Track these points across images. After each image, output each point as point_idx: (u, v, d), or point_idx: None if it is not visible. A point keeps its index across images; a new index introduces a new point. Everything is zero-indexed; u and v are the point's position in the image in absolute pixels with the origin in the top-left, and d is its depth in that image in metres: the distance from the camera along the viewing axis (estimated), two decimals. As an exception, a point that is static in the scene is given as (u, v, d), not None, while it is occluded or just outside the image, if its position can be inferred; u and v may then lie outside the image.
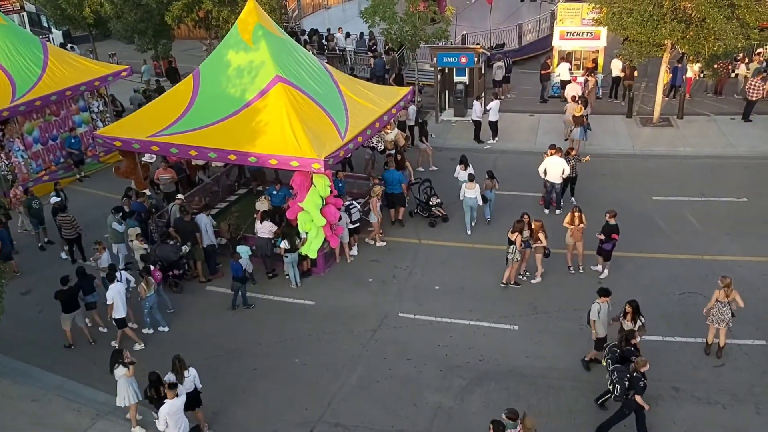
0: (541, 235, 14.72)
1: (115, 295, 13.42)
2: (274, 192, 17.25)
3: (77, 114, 22.16)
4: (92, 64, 22.65)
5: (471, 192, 17.08)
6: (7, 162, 19.96)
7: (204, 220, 15.86)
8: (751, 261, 15.34)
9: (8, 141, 20.03)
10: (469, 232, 17.33)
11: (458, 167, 17.88)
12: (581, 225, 14.97)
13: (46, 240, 17.89)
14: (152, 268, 14.46)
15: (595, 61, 24.80)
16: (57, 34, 35.25)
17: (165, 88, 26.25)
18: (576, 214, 14.95)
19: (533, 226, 14.75)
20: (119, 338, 13.82)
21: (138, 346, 13.70)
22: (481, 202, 17.17)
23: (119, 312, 13.51)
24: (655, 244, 16.22)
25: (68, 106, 21.77)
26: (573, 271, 15.46)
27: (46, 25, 35.80)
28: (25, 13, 36.13)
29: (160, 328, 14.36)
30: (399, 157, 18.67)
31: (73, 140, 21.39)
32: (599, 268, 15.31)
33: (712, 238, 16.36)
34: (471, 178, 17.18)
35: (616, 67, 24.49)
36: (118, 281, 13.61)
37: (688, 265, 15.39)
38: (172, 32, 27.82)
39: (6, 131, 19.94)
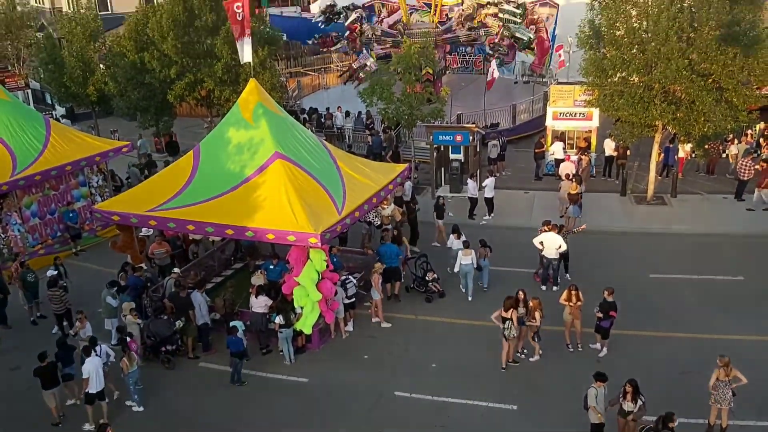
0: (537, 314, 14.62)
1: (91, 369, 13.14)
2: (271, 266, 17.22)
3: (76, 188, 22.35)
4: (93, 140, 23.02)
5: (467, 258, 17.43)
6: (3, 236, 19.97)
7: (198, 298, 15.71)
8: (751, 340, 15.19)
9: (6, 215, 20.10)
10: (470, 298, 17.56)
11: (451, 236, 18.28)
12: (579, 303, 14.90)
13: (38, 314, 17.67)
14: (128, 339, 14.22)
15: (587, 140, 25.31)
16: (60, 111, 35.96)
17: (156, 161, 26.63)
18: (573, 291, 14.91)
19: (531, 304, 14.67)
20: (91, 416, 13.39)
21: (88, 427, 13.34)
22: (474, 267, 17.52)
23: (92, 387, 13.17)
24: (653, 323, 16.10)
25: (68, 181, 21.98)
26: (572, 350, 15.27)
27: (49, 102, 36.59)
28: (29, 91, 36.95)
29: (134, 408, 14.01)
30: (395, 232, 18.76)
31: (71, 214, 21.48)
32: (598, 346, 15.13)
33: (710, 317, 16.26)
34: (466, 245, 17.65)
35: (609, 147, 24.98)
36: (96, 355, 13.36)
37: (687, 344, 15.23)
38: (173, 110, 28.41)
39: (4, 205, 20.04)
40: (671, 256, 19.54)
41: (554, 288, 17.74)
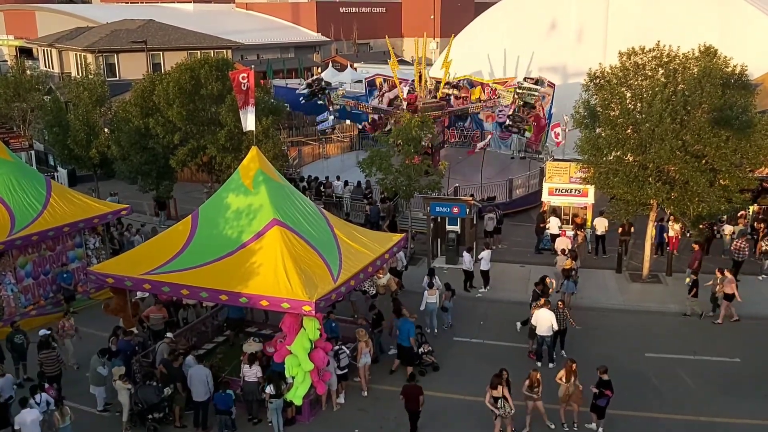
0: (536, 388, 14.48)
1: (24, 421, 12.77)
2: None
3: (72, 250, 22.33)
4: (93, 202, 23.13)
5: (432, 298, 19.44)
6: (-4, 294, 19.83)
7: (202, 372, 15.30)
8: (747, 423, 14.94)
9: (0, 274, 20.01)
10: (435, 331, 19.21)
11: (425, 278, 19.97)
12: (577, 382, 14.74)
13: (25, 377, 17.32)
14: (46, 385, 13.88)
15: (582, 217, 25.52)
16: (62, 173, 36.30)
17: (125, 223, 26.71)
18: (571, 370, 14.76)
19: (533, 377, 14.58)
20: None
21: None
22: (438, 306, 19.32)
23: None
24: (649, 403, 15.86)
25: (64, 242, 21.98)
26: (567, 429, 14.98)
27: (52, 163, 36.98)
28: (33, 152, 37.39)
29: None
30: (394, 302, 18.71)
31: (65, 275, 21.40)
32: (593, 426, 14.86)
33: (706, 399, 16.04)
34: (430, 285, 19.68)
35: (601, 225, 25.10)
36: (35, 403, 13.04)
37: (684, 426, 14.99)
38: (175, 175, 28.70)
39: (-1, 264, 20.00)
40: (667, 335, 19.41)
41: (550, 365, 17.53)
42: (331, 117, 36.25)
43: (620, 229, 24.42)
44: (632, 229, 24.56)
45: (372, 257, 17.49)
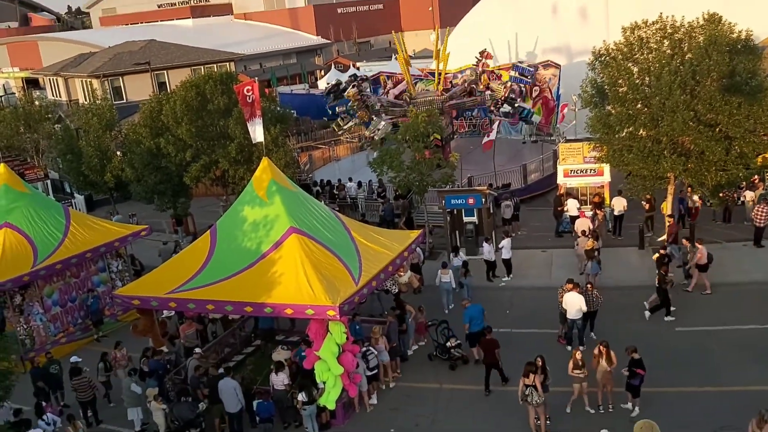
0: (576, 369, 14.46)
1: None
2: (303, 354, 16.61)
3: (96, 274, 22.57)
4: (112, 226, 23.37)
5: (445, 277, 20.44)
6: (26, 326, 20.10)
7: (230, 383, 15.45)
8: (786, 389, 14.78)
9: (28, 305, 20.28)
10: (446, 311, 19.78)
11: (450, 255, 21.58)
12: (609, 368, 14.65)
13: (62, 404, 17.55)
14: (44, 404, 14.02)
15: (600, 195, 25.33)
16: (79, 199, 36.69)
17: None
18: (603, 348, 14.68)
19: (576, 357, 14.59)
20: None
21: None
22: (454, 286, 20.50)
23: None
24: (683, 377, 15.73)
25: (88, 268, 22.22)
26: (602, 411, 14.91)
27: (68, 191, 37.38)
28: (48, 181, 37.82)
29: None
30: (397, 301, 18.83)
31: (91, 300, 21.64)
32: (629, 405, 14.77)
33: (740, 368, 15.87)
34: (444, 265, 20.80)
35: (619, 204, 24.88)
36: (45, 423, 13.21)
37: (719, 398, 14.84)
38: (190, 191, 28.90)
39: (26, 295, 20.24)
40: (695, 308, 19.23)
41: (581, 348, 17.41)
42: (383, 122, 35.61)
43: (647, 206, 24.12)
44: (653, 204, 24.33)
45: (391, 256, 17.50)
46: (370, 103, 35.29)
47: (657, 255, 20.13)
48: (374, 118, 35.34)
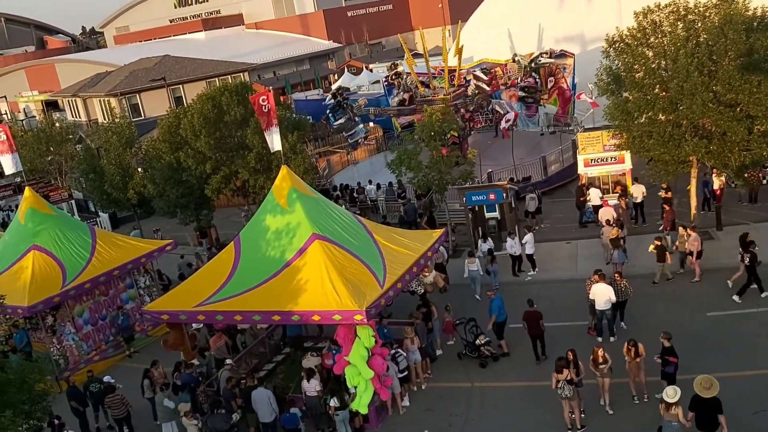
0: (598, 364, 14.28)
1: None
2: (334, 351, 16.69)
3: (125, 291, 22.82)
4: (137, 242, 23.61)
5: (473, 266, 21.18)
6: (59, 346, 20.39)
7: (264, 393, 15.54)
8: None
9: (60, 325, 20.57)
10: (477, 297, 20.38)
11: (480, 241, 22.64)
12: (638, 359, 14.48)
13: (107, 424, 17.71)
14: (56, 422, 14.18)
15: (621, 184, 25.06)
16: (104, 217, 37.15)
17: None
18: (632, 347, 14.51)
19: (597, 354, 14.36)
20: None
21: None
22: (482, 273, 21.23)
23: None
24: (719, 362, 15.46)
25: (116, 285, 22.48)
26: (638, 401, 14.74)
27: (93, 209, 37.86)
28: (73, 201, 38.34)
29: None
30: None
31: (121, 317, 21.89)
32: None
33: (775, 351, 15.61)
34: (470, 254, 21.68)
35: (639, 191, 24.61)
36: None
37: (757, 381, 14.60)
38: (212, 203, 29.10)
39: (57, 316, 20.53)
40: (726, 291, 18.93)
41: (611, 339, 17.28)
42: (361, 125, 36.09)
43: (662, 193, 23.87)
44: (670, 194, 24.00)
45: (415, 257, 17.48)
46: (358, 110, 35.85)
47: (654, 245, 20.03)
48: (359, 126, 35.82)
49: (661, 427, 12.52)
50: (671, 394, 12.32)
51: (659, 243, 20.14)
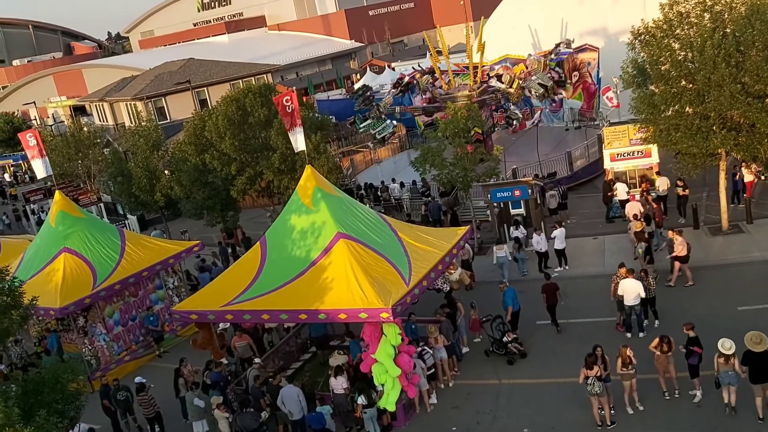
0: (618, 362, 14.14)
1: None
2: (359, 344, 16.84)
3: (154, 292, 23.12)
4: (166, 244, 23.91)
5: (501, 252, 21.80)
6: (90, 347, 20.73)
7: (292, 390, 15.65)
8: None
9: (91, 326, 20.92)
10: (506, 281, 19.54)
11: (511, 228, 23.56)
12: (669, 352, 14.33)
13: (138, 426, 17.88)
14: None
15: (647, 178, 24.75)
16: (132, 220, 37.67)
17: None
18: (665, 342, 14.34)
19: (624, 355, 14.22)
20: None
21: None
22: (510, 259, 21.89)
23: None
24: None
25: (145, 286, 22.78)
26: (668, 397, 14.57)
27: (121, 212, 38.42)
28: (102, 204, 38.96)
29: None
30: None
31: (151, 318, 22.19)
32: (697, 392, 14.38)
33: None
34: (498, 241, 22.72)
35: (663, 184, 24.29)
36: None
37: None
38: (238, 204, 29.35)
39: (89, 317, 20.88)
40: (757, 286, 18.61)
41: (640, 334, 17.09)
42: (388, 121, 36.00)
43: (679, 191, 23.47)
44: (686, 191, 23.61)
45: (440, 255, 17.46)
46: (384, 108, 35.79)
47: (641, 250, 20.02)
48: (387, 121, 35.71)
49: (718, 380, 13.39)
50: (727, 346, 13.19)
51: (646, 244, 20.17)
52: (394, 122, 36.07)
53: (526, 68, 33.45)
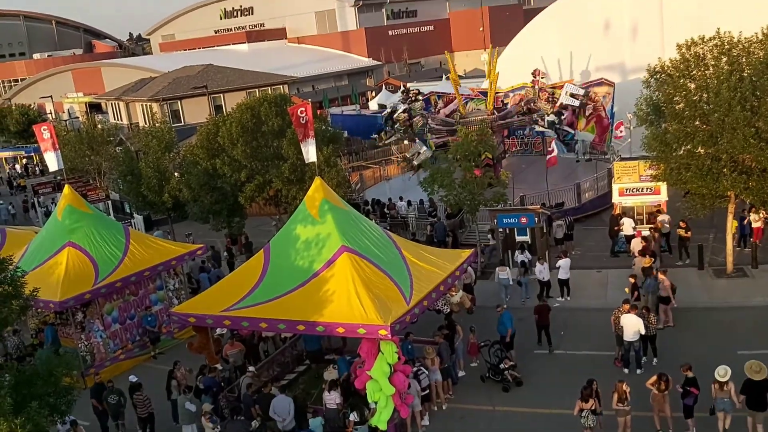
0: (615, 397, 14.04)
1: None
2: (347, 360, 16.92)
3: (154, 292, 23.12)
4: (169, 245, 23.94)
5: (503, 273, 22.20)
6: (86, 343, 20.71)
7: (283, 399, 15.60)
8: None
9: (89, 322, 20.91)
10: (505, 306, 19.54)
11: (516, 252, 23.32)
12: (666, 391, 14.23)
13: None
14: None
15: (656, 217, 24.71)
16: (138, 219, 37.79)
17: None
18: (663, 381, 14.25)
19: (620, 390, 14.11)
20: None
21: None
22: (512, 282, 22.10)
23: None
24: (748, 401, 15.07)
25: (146, 286, 22.80)
26: (662, 436, 14.47)
27: (128, 211, 38.56)
28: (109, 202, 39.13)
29: None
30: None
31: (149, 318, 22.18)
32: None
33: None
34: (502, 262, 23.15)
35: (665, 222, 24.25)
36: None
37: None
38: (244, 210, 29.43)
39: (87, 313, 20.88)
40: (758, 331, 18.50)
41: (638, 371, 16.98)
42: (424, 148, 36.29)
43: (681, 232, 23.39)
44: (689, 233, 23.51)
45: (443, 275, 17.44)
46: (415, 126, 35.69)
47: (627, 288, 19.99)
48: (416, 142, 35.67)
49: (713, 408, 13.75)
50: (722, 373, 13.57)
51: (633, 281, 20.08)
52: (420, 144, 36.21)
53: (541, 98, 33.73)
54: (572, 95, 33.19)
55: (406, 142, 37.64)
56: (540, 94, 34.34)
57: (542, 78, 34.87)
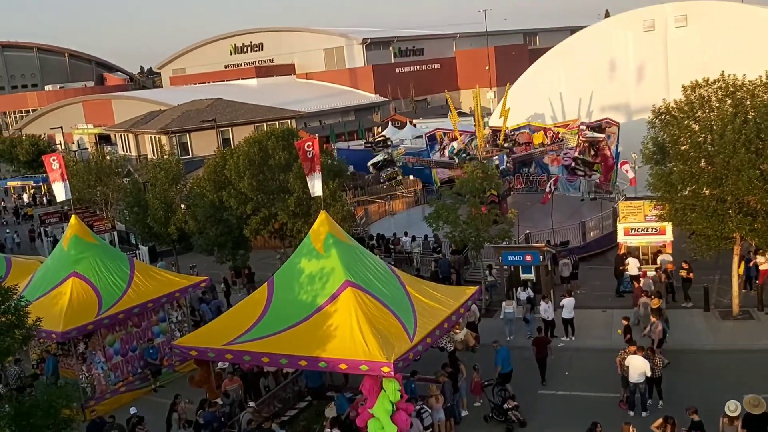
0: None
1: None
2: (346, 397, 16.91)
3: (156, 324, 23.03)
4: (173, 277, 23.93)
5: (509, 308, 22.34)
6: (87, 374, 20.58)
7: None
8: None
9: (90, 353, 20.80)
10: (508, 339, 21.09)
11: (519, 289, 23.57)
12: None
13: None
14: None
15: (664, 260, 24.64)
16: (143, 250, 37.84)
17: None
18: (669, 424, 14.04)
19: (624, 431, 13.91)
20: None
21: None
22: (518, 315, 22.41)
23: None
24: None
25: (149, 318, 22.73)
26: (667, 480, 14.18)
27: (134, 242, 38.64)
28: (115, 232, 39.24)
29: None
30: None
31: (151, 350, 22.05)
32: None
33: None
34: (508, 296, 23.25)
35: (667, 261, 24.19)
36: None
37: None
38: (249, 243, 29.47)
39: (89, 344, 20.79)
40: (764, 374, 18.28)
41: (643, 414, 16.75)
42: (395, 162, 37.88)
43: (683, 273, 23.29)
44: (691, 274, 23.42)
45: (447, 312, 17.34)
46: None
47: (620, 331, 20.07)
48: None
49: None
50: (733, 408, 13.66)
51: (626, 323, 20.08)
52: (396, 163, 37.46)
53: (547, 137, 34.00)
54: (592, 129, 33.53)
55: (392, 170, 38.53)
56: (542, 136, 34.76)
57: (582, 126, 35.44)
